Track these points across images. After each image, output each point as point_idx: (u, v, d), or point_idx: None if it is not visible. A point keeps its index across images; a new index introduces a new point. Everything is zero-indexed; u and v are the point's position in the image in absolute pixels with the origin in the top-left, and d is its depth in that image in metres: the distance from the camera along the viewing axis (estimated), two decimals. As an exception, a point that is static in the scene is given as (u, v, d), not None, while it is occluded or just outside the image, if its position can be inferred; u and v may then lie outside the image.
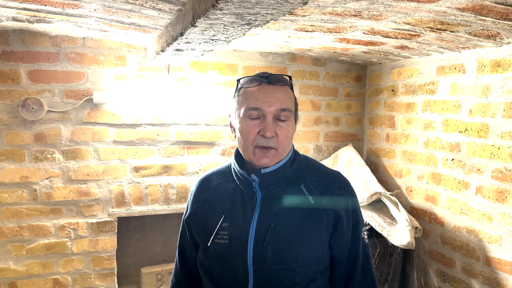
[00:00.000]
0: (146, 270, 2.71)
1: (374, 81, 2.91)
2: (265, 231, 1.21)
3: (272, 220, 1.22)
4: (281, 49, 2.55)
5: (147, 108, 2.48)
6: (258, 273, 1.20)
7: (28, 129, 2.29)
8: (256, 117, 1.21)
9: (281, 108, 1.21)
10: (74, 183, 2.40)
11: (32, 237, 2.36)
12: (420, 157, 2.51)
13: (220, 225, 1.25)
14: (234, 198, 1.28)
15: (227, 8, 1.04)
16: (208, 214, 1.30)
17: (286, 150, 1.26)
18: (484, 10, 1.45)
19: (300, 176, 1.29)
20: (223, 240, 1.24)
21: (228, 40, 1.49)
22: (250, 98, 1.22)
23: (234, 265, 1.22)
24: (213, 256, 1.26)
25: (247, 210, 1.25)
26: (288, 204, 1.24)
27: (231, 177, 1.34)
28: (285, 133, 1.22)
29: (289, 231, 1.21)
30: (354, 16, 1.60)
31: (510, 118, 1.95)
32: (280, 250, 1.20)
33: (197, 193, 1.38)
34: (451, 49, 2.16)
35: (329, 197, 1.26)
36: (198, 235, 1.33)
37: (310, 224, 1.23)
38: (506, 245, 1.99)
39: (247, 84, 1.26)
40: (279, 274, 1.20)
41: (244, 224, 1.23)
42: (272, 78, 1.23)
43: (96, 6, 1.57)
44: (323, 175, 1.31)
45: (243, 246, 1.21)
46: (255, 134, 1.21)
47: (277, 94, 1.22)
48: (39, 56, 2.26)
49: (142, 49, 2.44)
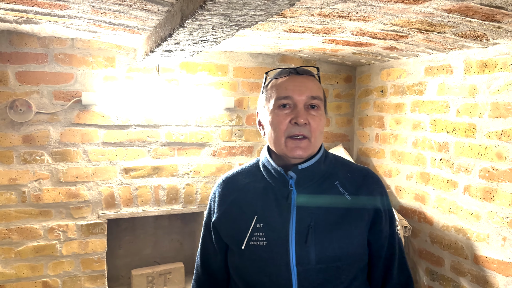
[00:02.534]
0: (136, 272, 2.70)
1: (363, 82, 2.93)
2: (306, 229, 1.17)
3: (310, 218, 1.19)
4: (271, 50, 2.56)
5: (137, 109, 2.47)
6: (303, 274, 1.16)
7: (16, 131, 2.27)
8: (287, 107, 1.20)
9: (312, 96, 1.20)
10: (63, 185, 2.39)
11: (20, 239, 2.34)
12: (409, 157, 2.53)
13: (254, 226, 1.20)
14: (266, 197, 1.24)
15: (215, 9, 1.04)
16: (238, 215, 1.25)
17: (318, 142, 1.23)
18: (470, 12, 1.47)
19: (333, 173, 1.27)
20: (259, 241, 1.19)
21: (217, 41, 1.50)
22: (280, 89, 1.21)
23: (274, 267, 1.17)
24: (250, 259, 1.21)
25: (282, 209, 1.21)
26: (324, 201, 1.21)
27: (258, 176, 1.29)
28: (317, 121, 1.20)
29: (330, 229, 1.19)
30: (342, 17, 1.61)
31: (497, 118, 1.97)
32: (323, 249, 1.17)
33: (222, 194, 1.32)
34: (439, 50, 2.18)
35: (365, 193, 1.25)
36: (230, 239, 1.27)
37: (352, 220, 1.21)
38: (493, 244, 2.02)
39: (276, 76, 1.25)
40: (324, 274, 1.17)
41: (282, 224, 1.19)
42: (300, 69, 1.24)
43: (84, 7, 1.56)
44: (355, 171, 1.30)
45: (284, 247, 1.17)
46: (286, 123, 1.18)
47: (306, 83, 1.21)
48: (27, 57, 2.25)
49: (132, 50, 2.43)
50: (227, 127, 2.70)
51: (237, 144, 2.74)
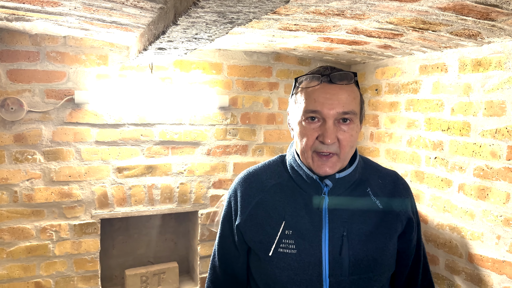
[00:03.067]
0: (130, 272, 2.68)
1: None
2: (339, 240, 1.11)
3: (343, 227, 1.12)
4: (266, 49, 2.54)
5: (130, 107, 2.45)
6: (335, 285, 1.10)
7: (7, 130, 2.24)
8: (316, 120, 1.10)
9: (344, 111, 1.08)
10: (56, 184, 2.36)
11: (12, 240, 2.31)
12: (403, 155, 2.53)
13: (282, 233, 1.13)
14: (295, 202, 1.16)
15: (208, 6, 1.03)
16: (264, 219, 1.17)
17: (349, 156, 1.14)
18: (465, 10, 1.46)
19: (365, 179, 1.20)
20: (289, 249, 1.12)
21: (211, 38, 1.48)
22: (308, 99, 1.10)
23: (305, 277, 1.11)
24: (278, 267, 1.13)
25: (313, 216, 1.14)
26: (357, 209, 1.15)
27: (285, 177, 1.21)
28: (347, 138, 1.10)
29: (364, 239, 1.13)
30: (337, 15, 1.60)
31: (491, 116, 1.98)
32: (357, 261, 1.11)
33: (246, 194, 1.22)
34: (434, 48, 2.18)
35: (397, 201, 1.20)
36: (255, 244, 1.18)
37: (386, 231, 1.16)
38: (487, 242, 2.02)
39: (306, 83, 1.13)
40: (357, 285, 1.12)
41: (314, 233, 1.12)
42: (334, 76, 1.10)
43: (76, 4, 1.54)
44: (386, 177, 1.24)
45: (316, 257, 1.11)
46: (313, 139, 1.10)
47: (339, 95, 1.08)
48: (19, 55, 2.22)
49: (125, 48, 2.41)
50: (222, 126, 2.68)
51: (231, 143, 2.72)
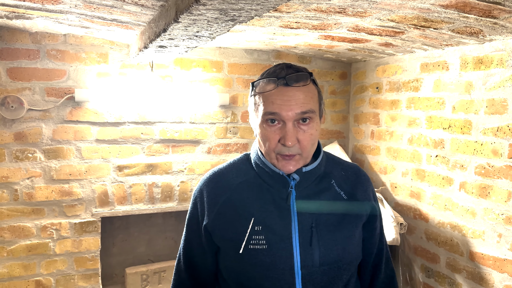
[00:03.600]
0: (130, 270, 2.68)
1: (359, 78, 2.92)
2: (309, 231, 1.14)
3: (311, 219, 1.16)
4: (266, 46, 2.54)
5: (131, 106, 2.44)
6: (307, 276, 1.13)
7: (7, 128, 2.23)
8: (275, 122, 1.11)
9: (302, 111, 1.10)
10: (56, 182, 2.36)
11: (13, 238, 2.31)
12: (404, 153, 2.53)
13: (252, 229, 1.14)
14: (262, 198, 1.18)
15: (210, 4, 1.02)
16: (233, 217, 1.18)
17: (311, 153, 1.18)
18: (467, 7, 1.46)
19: (329, 172, 1.24)
20: (259, 245, 1.13)
21: (212, 36, 1.48)
22: (266, 102, 1.11)
23: (277, 271, 1.13)
24: (250, 264, 1.14)
25: (282, 210, 1.16)
26: (323, 201, 1.19)
27: (251, 175, 1.22)
28: (308, 138, 1.12)
29: (332, 229, 1.16)
30: (338, 13, 1.60)
31: (493, 114, 1.97)
32: (327, 250, 1.14)
33: (213, 194, 1.23)
34: (435, 46, 2.17)
35: (360, 191, 1.25)
36: (225, 242, 1.19)
37: (352, 220, 1.20)
38: (489, 240, 2.02)
39: (263, 87, 1.14)
40: (327, 275, 1.15)
41: (284, 226, 1.14)
42: (290, 78, 1.10)
43: (76, 2, 1.53)
44: (348, 169, 1.29)
45: (287, 250, 1.13)
46: (275, 143, 1.12)
47: (296, 97, 1.10)
48: (19, 53, 2.21)
49: (125, 46, 2.40)
50: (222, 124, 2.68)
51: (232, 141, 2.72)
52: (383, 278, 1.32)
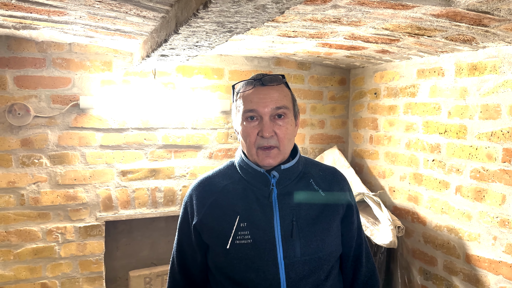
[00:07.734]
0: (134, 273, 2.72)
1: (357, 84, 2.97)
2: (290, 225, 1.26)
3: (292, 214, 1.27)
4: (266, 54, 2.59)
5: (134, 112, 2.50)
6: (290, 266, 1.23)
7: (14, 135, 2.30)
8: (254, 119, 1.26)
9: (277, 107, 1.25)
10: (62, 187, 2.42)
11: (19, 242, 2.36)
12: (402, 158, 2.57)
13: (238, 226, 1.25)
14: (246, 198, 1.29)
15: (207, 17, 1.08)
16: (220, 216, 1.29)
17: (288, 148, 1.30)
18: (457, 17, 1.51)
19: (307, 172, 1.36)
20: (245, 240, 1.24)
21: (212, 46, 1.53)
22: (246, 102, 1.26)
23: (262, 263, 1.23)
24: (236, 258, 1.25)
25: (265, 207, 1.27)
26: (302, 198, 1.30)
27: (236, 178, 1.34)
28: (284, 131, 1.26)
29: (311, 223, 1.28)
30: (334, 22, 1.65)
31: (487, 119, 2.01)
32: (307, 242, 1.25)
33: (201, 197, 1.34)
34: (431, 53, 2.22)
35: (337, 189, 1.36)
36: (213, 239, 1.29)
37: (329, 214, 1.31)
38: (484, 243, 2.06)
39: (243, 89, 1.30)
40: (309, 265, 1.25)
41: (267, 222, 1.26)
42: (265, 79, 1.27)
43: (81, 13, 1.59)
44: (325, 170, 1.41)
45: (271, 243, 1.24)
46: (255, 136, 1.25)
47: (271, 94, 1.25)
48: (25, 61, 2.28)
49: (128, 54, 2.46)
50: (223, 130, 2.73)
51: (233, 147, 2.77)
52: (365, 271, 1.41)
